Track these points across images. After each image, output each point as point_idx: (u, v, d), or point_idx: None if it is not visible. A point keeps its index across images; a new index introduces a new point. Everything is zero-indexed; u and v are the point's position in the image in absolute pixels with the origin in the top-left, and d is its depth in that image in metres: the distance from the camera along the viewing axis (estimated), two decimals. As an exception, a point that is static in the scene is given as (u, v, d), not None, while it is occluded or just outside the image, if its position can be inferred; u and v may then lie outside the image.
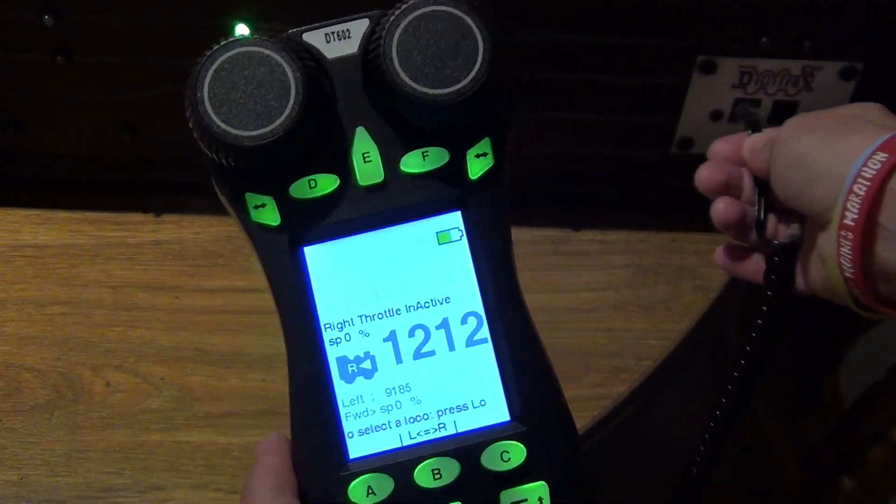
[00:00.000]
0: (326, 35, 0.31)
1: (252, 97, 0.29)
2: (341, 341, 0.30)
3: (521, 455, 0.29)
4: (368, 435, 0.30)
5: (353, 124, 0.30)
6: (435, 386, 0.30)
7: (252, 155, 0.29)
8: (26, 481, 0.53)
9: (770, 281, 0.49)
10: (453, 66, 0.29)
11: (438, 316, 0.30)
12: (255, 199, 0.30)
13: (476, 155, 0.30)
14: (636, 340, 0.60)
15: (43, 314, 0.60)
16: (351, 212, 0.30)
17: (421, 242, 0.30)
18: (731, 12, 0.56)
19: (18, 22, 0.57)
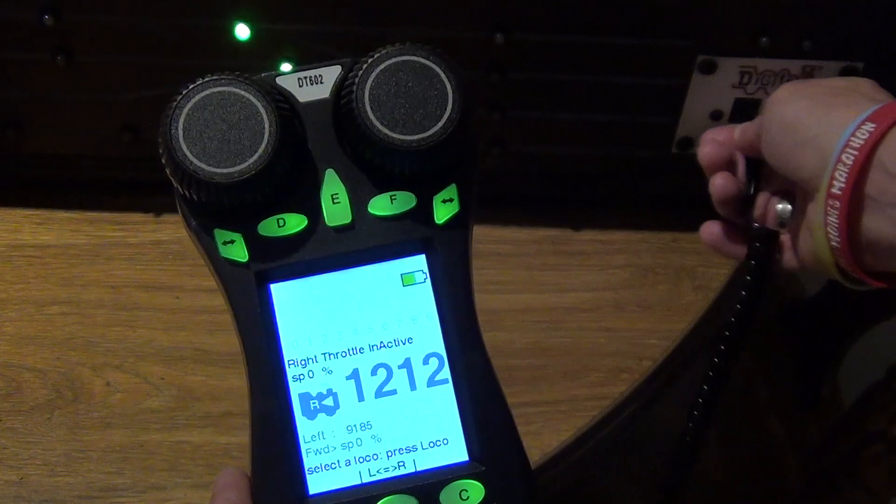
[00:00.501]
0: (299, 79, 0.31)
1: (226, 136, 0.29)
2: (304, 378, 0.31)
3: (479, 494, 0.29)
4: (329, 471, 0.30)
5: (324, 166, 0.31)
6: (396, 424, 0.30)
7: (224, 192, 0.29)
8: (26, 481, 0.53)
9: (749, 266, 0.51)
10: (423, 114, 0.30)
11: (401, 356, 0.31)
12: (224, 236, 0.31)
13: (443, 200, 0.31)
14: (636, 340, 0.60)
15: (43, 314, 0.60)
16: (318, 251, 0.31)
17: (386, 284, 0.31)
18: (731, 12, 0.57)
19: (18, 22, 0.57)
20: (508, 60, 0.58)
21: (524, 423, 0.56)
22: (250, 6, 0.57)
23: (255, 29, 0.57)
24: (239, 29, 0.57)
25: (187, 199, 0.30)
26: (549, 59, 0.59)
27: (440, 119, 0.30)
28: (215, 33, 0.57)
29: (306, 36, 0.58)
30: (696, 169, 0.63)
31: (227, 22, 0.57)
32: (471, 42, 0.58)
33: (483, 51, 0.58)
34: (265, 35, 0.58)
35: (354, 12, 0.57)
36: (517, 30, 0.57)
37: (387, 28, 0.57)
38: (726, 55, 0.58)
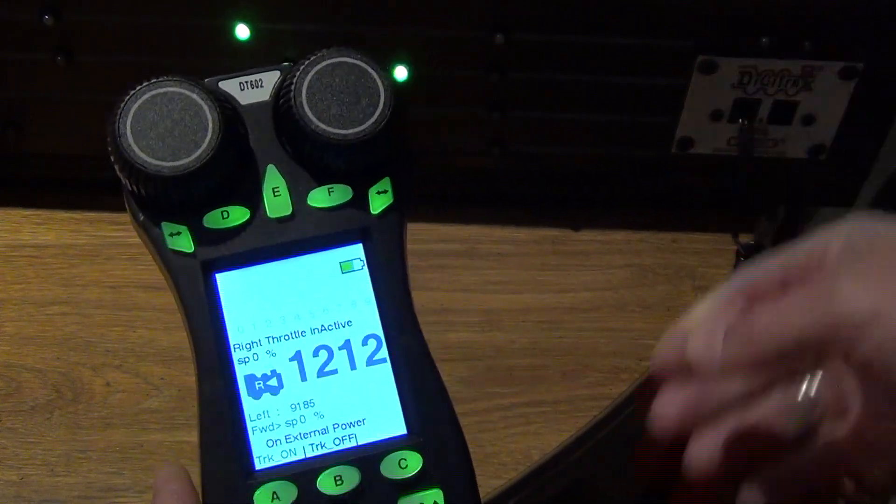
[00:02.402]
0: (241, 83, 0.34)
1: (172, 133, 0.32)
2: (249, 360, 0.33)
3: (417, 463, 0.31)
4: (274, 447, 0.32)
5: (265, 163, 0.33)
6: (337, 402, 0.32)
7: (170, 185, 0.31)
8: (26, 481, 0.53)
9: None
10: (357, 110, 0.32)
11: (341, 338, 0.32)
12: (171, 228, 0.32)
13: (377, 192, 0.33)
14: (636, 340, 0.60)
15: (43, 314, 0.60)
16: (261, 241, 0.32)
17: (325, 271, 0.33)
18: (731, 12, 0.57)
19: (18, 22, 0.57)
20: (508, 60, 0.58)
21: (524, 423, 0.56)
22: (250, 6, 0.57)
23: (255, 29, 0.57)
24: (239, 29, 0.57)
25: (135, 194, 0.33)
26: (549, 59, 0.59)
27: (372, 115, 0.32)
28: (215, 33, 0.57)
29: (306, 36, 0.58)
30: (696, 169, 0.64)
31: (227, 22, 0.57)
32: (471, 42, 0.58)
33: (483, 51, 0.58)
34: (265, 35, 0.57)
35: (354, 12, 0.57)
36: (517, 30, 0.57)
37: (387, 28, 0.57)
38: (726, 55, 0.58)
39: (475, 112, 0.61)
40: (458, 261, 0.63)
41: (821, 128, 0.61)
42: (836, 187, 0.65)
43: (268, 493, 0.31)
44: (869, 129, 0.61)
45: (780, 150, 0.62)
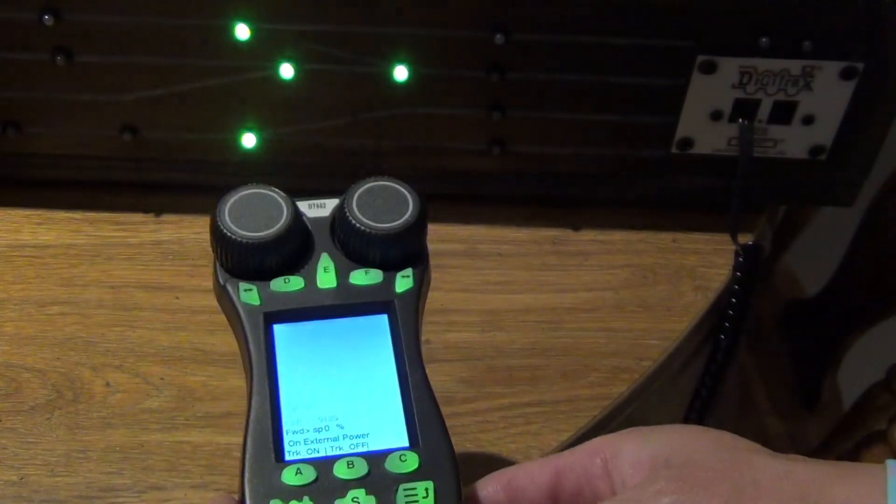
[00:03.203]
0: (309, 205, 0.45)
1: (257, 217, 0.43)
2: (291, 384, 0.42)
3: (415, 462, 0.39)
4: (302, 445, 0.40)
5: (320, 251, 0.44)
6: (355, 418, 0.41)
7: (250, 251, 0.42)
8: (26, 481, 0.53)
9: (736, 278, 0.60)
10: (391, 216, 0.43)
11: (365, 374, 0.42)
12: (245, 286, 0.43)
13: (402, 276, 0.43)
14: (636, 340, 0.60)
15: (43, 314, 0.60)
16: (310, 303, 0.43)
17: (357, 330, 0.43)
18: (731, 12, 0.57)
19: (18, 22, 0.57)
20: (508, 60, 0.59)
21: (524, 423, 0.56)
22: (250, 6, 0.57)
23: (255, 29, 0.57)
24: (239, 29, 0.57)
25: (223, 263, 0.43)
26: (549, 59, 0.59)
27: (401, 220, 0.43)
28: (215, 33, 0.57)
29: (306, 36, 0.58)
30: (696, 169, 0.64)
31: (227, 22, 0.57)
32: (471, 42, 0.58)
33: (483, 51, 0.58)
34: (265, 35, 0.58)
35: (354, 12, 0.57)
36: (517, 30, 0.57)
37: (386, 28, 0.57)
38: (726, 55, 0.58)
39: (475, 112, 0.61)
40: (458, 261, 0.63)
41: (821, 128, 0.61)
42: (836, 187, 0.65)
43: (292, 471, 0.39)
44: (869, 129, 0.61)
45: (780, 150, 0.62)
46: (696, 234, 0.66)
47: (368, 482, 0.39)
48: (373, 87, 0.59)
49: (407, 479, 0.39)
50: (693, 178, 0.64)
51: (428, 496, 0.38)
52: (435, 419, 0.41)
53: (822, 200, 0.67)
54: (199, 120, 0.61)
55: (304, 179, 0.64)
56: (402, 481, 0.39)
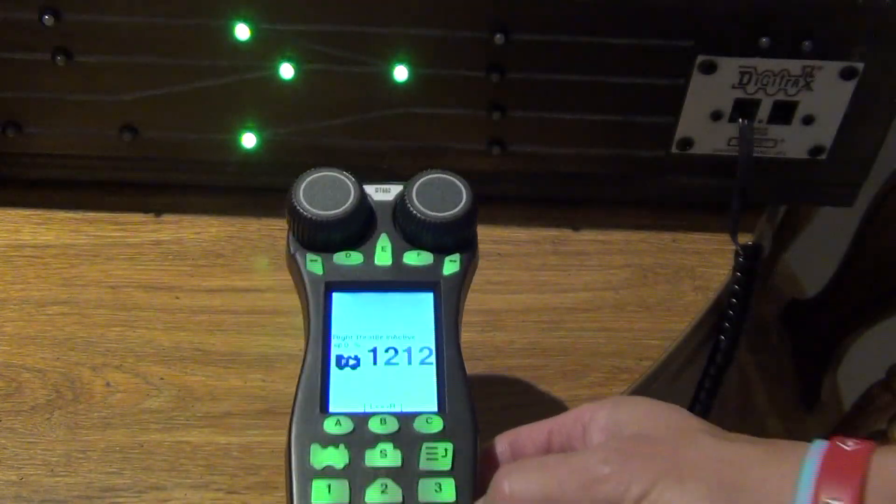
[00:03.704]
0: (376, 189, 0.49)
1: (327, 195, 0.47)
2: (341, 346, 0.46)
3: (439, 424, 0.44)
4: (344, 401, 0.45)
5: (381, 232, 0.48)
6: (394, 382, 0.46)
7: (319, 226, 0.47)
8: (26, 481, 0.53)
9: (737, 278, 0.61)
10: (446, 205, 0.48)
11: (405, 344, 0.47)
12: (311, 257, 0.47)
13: (450, 261, 0.48)
14: (636, 340, 0.60)
15: (43, 314, 0.60)
16: (367, 277, 0.48)
17: (405, 303, 0.48)
18: (731, 12, 0.57)
19: (18, 22, 0.57)
20: (508, 60, 0.59)
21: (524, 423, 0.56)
22: (250, 6, 0.57)
23: (255, 29, 0.57)
24: (239, 29, 0.57)
25: (296, 235, 0.48)
26: (549, 59, 0.59)
27: (455, 209, 0.48)
28: (215, 33, 0.57)
29: (306, 36, 0.58)
30: (696, 169, 0.64)
31: (227, 22, 0.57)
32: (471, 42, 0.58)
33: (483, 51, 0.58)
34: (265, 35, 0.58)
35: (354, 12, 0.57)
36: (517, 30, 0.57)
37: (387, 28, 0.57)
38: (726, 55, 0.58)
39: (475, 112, 0.61)
40: (458, 261, 0.63)
41: (821, 128, 0.61)
42: (836, 187, 0.65)
43: (333, 421, 0.44)
44: (869, 129, 0.61)
45: (780, 150, 0.62)
46: (696, 234, 0.66)
47: (397, 438, 0.43)
48: (373, 87, 0.59)
49: (430, 438, 0.43)
50: (693, 178, 0.64)
51: (447, 455, 0.43)
52: (462, 389, 0.45)
53: (822, 200, 0.67)
54: (199, 120, 0.61)
55: (304, 179, 0.64)
56: (426, 440, 0.43)
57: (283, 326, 0.60)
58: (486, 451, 0.45)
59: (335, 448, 0.43)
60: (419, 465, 0.43)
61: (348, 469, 0.43)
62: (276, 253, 0.63)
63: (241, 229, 0.64)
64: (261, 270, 0.63)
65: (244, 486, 0.53)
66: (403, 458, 0.43)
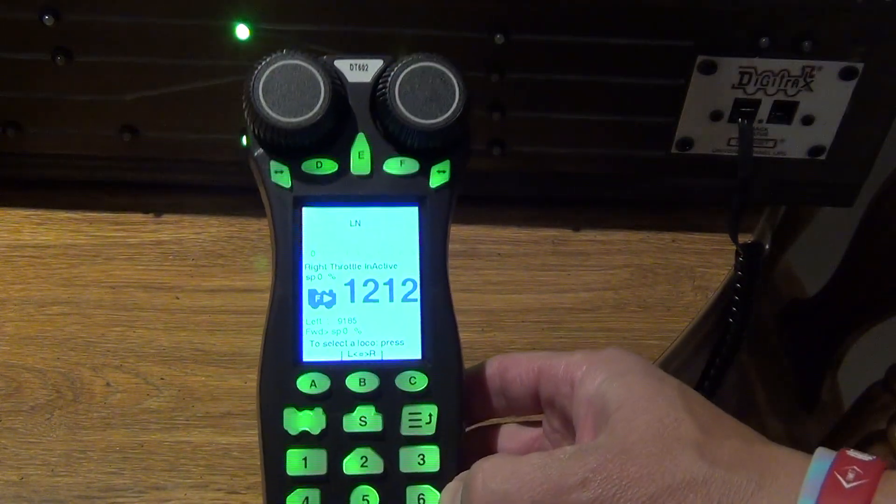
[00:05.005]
0: (350, 65, 0.42)
1: (291, 94, 0.40)
2: (314, 278, 0.41)
3: (423, 382, 0.40)
4: (319, 347, 0.41)
5: (357, 130, 0.42)
6: (374, 324, 0.41)
7: (283, 134, 0.40)
8: (26, 481, 0.53)
9: (737, 277, 0.61)
10: (436, 106, 0.41)
11: (386, 276, 0.42)
12: (276, 166, 0.41)
13: (438, 170, 0.42)
14: (636, 340, 0.60)
15: (43, 314, 0.60)
16: (341, 189, 0.41)
17: (385, 222, 0.42)
18: (731, 12, 0.57)
19: (18, 22, 0.57)
20: (508, 60, 0.59)
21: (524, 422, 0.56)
22: (250, 6, 0.57)
23: (255, 29, 0.57)
24: (239, 29, 0.57)
25: (258, 137, 0.41)
26: (549, 59, 0.59)
27: (447, 111, 0.41)
28: (215, 33, 0.57)
29: (306, 36, 0.58)
30: (696, 169, 0.64)
31: (227, 22, 0.57)
32: (471, 42, 0.58)
33: (483, 51, 0.58)
34: (265, 35, 0.58)
35: (354, 12, 0.57)
36: (517, 30, 0.57)
37: (387, 28, 0.57)
38: (726, 55, 0.58)
39: (475, 112, 0.61)
40: (458, 261, 0.63)
41: (821, 128, 0.61)
42: (836, 187, 0.65)
43: (308, 380, 0.40)
44: (869, 129, 0.61)
45: (780, 150, 0.62)
46: (696, 234, 0.66)
47: (378, 400, 0.40)
48: (373, 87, 0.59)
49: (414, 399, 0.40)
50: (693, 178, 0.64)
51: (431, 422, 0.40)
52: (448, 334, 0.41)
53: (822, 200, 0.67)
54: (199, 120, 0.61)
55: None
56: (409, 402, 0.40)
57: (283, 326, 0.59)
58: (476, 376, 0.43)
59: (310, 411, 0.40)
60: (401, 430, 0.40)
61: (325, 436, 0.40)
62: (276, 253, 0.63)
63: (241, 229, 0.64)
64: (261, 270, 0.63)
65: (244, 486, 0.53)
66: (384, 423, 0.40)
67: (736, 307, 0.62)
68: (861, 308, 0.90)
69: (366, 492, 0.40)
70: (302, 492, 0.39)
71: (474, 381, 0.43)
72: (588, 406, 0.39)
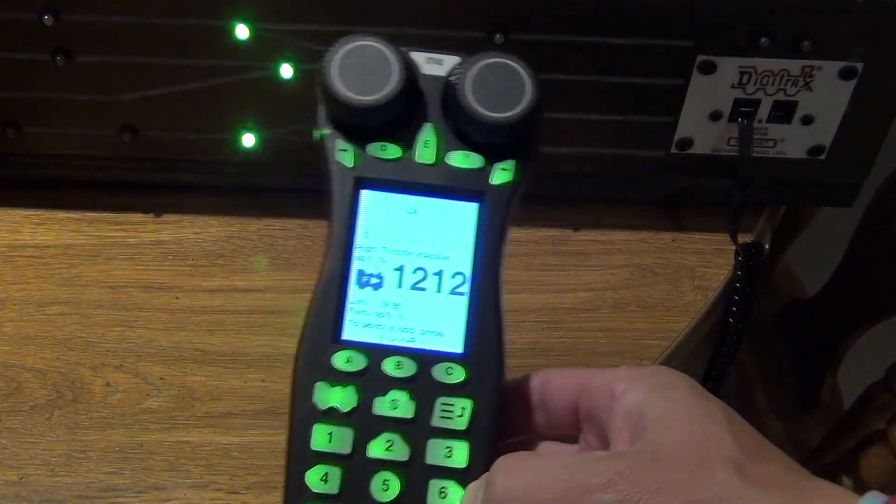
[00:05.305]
0: (427, 58, 0.42)
1: (365, 75, 0.40)
2: (364, 259, 0.41)
3: (461, 375, 0.39)
4: (360, 327, 0.40)
5: (426, 120, 0.42)
6: (418, 312, 0.41)
7: (354, 113, 0.40)
8: (26, 481, 0.53)
9: (737, 277, 0.61)
10: (506, 101, 0.41)
11: (437, 267, 0.41)
12: (342, 145, 0.41)
13: (502, 168, 0.42)
14: (636, 340, 0.60)
15: (43, 314, 0.60)
16: (403, 175, 0.41)
17: (443, 214, 0.42)
18: (731, 12, 0.57)
19: (18, 22, 0.57)
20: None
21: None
22: (250, 6, 0.57)
23: (255, 29, 0.57)
24: (239, 29, 0.57)
25: (327, 113, 0.41)
26: (549, 59, 0.59)
27: (515, 108, 0.41)
28: (215, 33, 0.57)
29: (306, 36, 0.58)
30: (696, 169, 0.64)
31: (227, 22, 0.57)
32: (471, 42, 0.58)
33: (483, 51, 0.58)
34: (265, 35, 0.58)
35: (354, 12, 0.57)
36: (517, 30, 0.57)
37: (387, 28, 0.57)
38: (726, 55, 0.58)
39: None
40: (458, 261, 0.63)
41: (820, 128, 0.61)
42: (835, 187, 0.65)
43: (344, 357, 0.39)
44: (869, 129, 0.61)
45: (780, 150, 0.62)
46: (696, 234, 0.66)
47: (412, 385, 0.39)
48: (373, 87, 0.59)
49: (449, 392, 0.39)
50: (693, 178, 0.64)
51: (464, 415, 0.39)
52: (494, 332, 0.40)
53: (822, 200, 0.67)
54: (199, 120, 0.61)
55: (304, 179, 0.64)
56: (443, 394, 0.39)
57: (283, 326, 0.60)
58: (517, 387, 0.41)
59: (343, 388, 0.39)
60: (432, 421, 0.39)
61: (354, 415, 0.39)
62: (275, 253, 0.63)
63: (241, 229, 0.64)
64: (261, 270, 0.63)
65: (244, 486, 0.53)
66: (417, 410, 0.39)
67: (736, 307, 0.62)
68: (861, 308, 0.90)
69: (387, 477, 0.39)
70: (323, 468, 0.39)
71: (515, 393, 0.41)
72: (625, 418, 0.38)
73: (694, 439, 0.35)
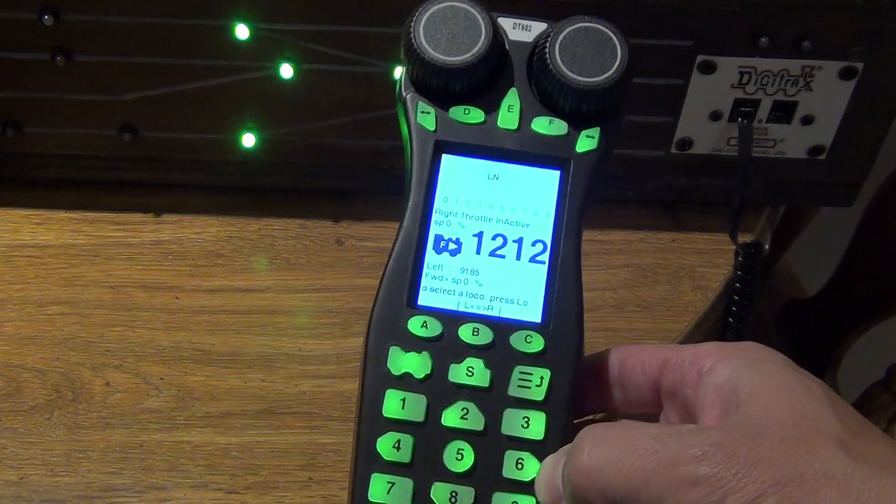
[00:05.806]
0: (514, 24, 0.42)
1: (451, 35, 0.40)
2: (443, 224, 0.40)
3: (539, 345, 0.38)
4: (437, 293, 0.39)
5: (510, 85, 0.41)
6: (497, 279, 0.40)
7: (438, 73, 0.40)
8: (26, 481, 0.53)
9: (737, 276, 0.61)
10: (596, 66, 0.40)
11: (517, 233, 0.40)
12: (423, 107, 0.41)
13: (587, 136, 0.41)
14: (636, 340, 0.60)
15: (43, 314, 0.60)
16: (485, 141, 0.41)
17: (524, 180, 0.41)
18: (731, 12, 0.57)
19: (18, 22, 0.57)
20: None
21: (524, 422, 0.56)
22: (250, 6, 0.57)
23: (255, 29, 0.57)
24: (239, 29, 0.57)
25: (410, 74, 0.41)
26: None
27: (605, 73, 0.40)
28: (215, 33, 0.57)
29: (306, 36, 0.58)
30: (696, 169, 0.64)
31: (227, 22, 0.57)
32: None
33: (483, 51, 0.58)
34: (265, 35, 0.58)
35: (354, 12, 0.57)
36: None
37: (386, 28, 0.57)
38: (726, 55, 0.58)
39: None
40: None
41: (820, 128, 0.61)
42: (835, 187, 0.65)
43: (419, 322, 0.38)
44: (869, 128, 0.61)
45: (780, 149, 0.62)
46: (695, 234, 0.66)
47: (488, 353, 0.38)
48: (373, 87, 0.59)
49: (526, 361, 0.38)
50: (693, 178, 0.64)
51: (542, 385, 0.38)
52: (573, 302, 0.39)
53: (822, 200, 0.67)
54: (199, 120, 0.61)
55: (304, 179, 0.64)
56: (521, 363, 0.38)
57: (283, 326, 0.60)
58: (595, 362, 0.40)
59: (417, 354, 0.38)
60: (509, 390, 0.38)
61: (429, 382, 0.38)
62: (275, 253, 0.63)
63: (241, 229, 0.64)
64: (261, 270, 0.63)
65: (244, 486, 0.53)
66: (492, 379, 0.38)
67: (736, 307, 0.62)
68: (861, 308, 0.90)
69: (461, 447, 0.37)
70: (395, 435, 0.37)
71: (592, 368, 0.40)
72: (716, 392, 0.35)
73: (794, 414, 0.33)
